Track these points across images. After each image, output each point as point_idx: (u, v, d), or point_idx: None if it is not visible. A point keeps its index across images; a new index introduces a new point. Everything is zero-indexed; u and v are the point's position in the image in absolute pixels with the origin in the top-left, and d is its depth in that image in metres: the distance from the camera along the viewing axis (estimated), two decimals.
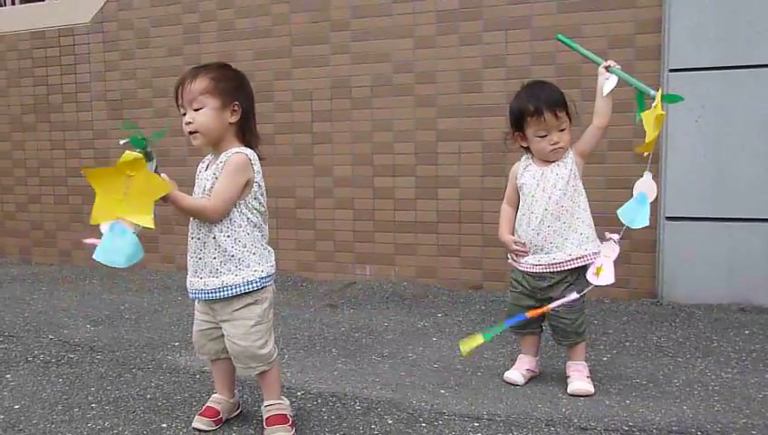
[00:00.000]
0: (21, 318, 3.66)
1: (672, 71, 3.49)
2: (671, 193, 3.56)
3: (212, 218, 2.04)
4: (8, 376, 2.76)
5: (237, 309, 2.09)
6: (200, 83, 2.06)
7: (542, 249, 2.49)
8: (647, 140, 2.21)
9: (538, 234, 2.49)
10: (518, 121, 2.51)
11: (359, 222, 4.32)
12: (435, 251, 4.15)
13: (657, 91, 2.27)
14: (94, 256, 1.87)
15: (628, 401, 2.37)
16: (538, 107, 2.45)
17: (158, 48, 4.77)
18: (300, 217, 4.46)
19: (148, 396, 2.52)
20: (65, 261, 5.22)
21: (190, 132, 2.08)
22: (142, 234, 1.89)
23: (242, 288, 2.07)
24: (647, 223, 2.27)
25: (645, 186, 2.28)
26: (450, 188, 4.08)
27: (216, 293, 2.08)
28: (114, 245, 1.87)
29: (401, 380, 2.64)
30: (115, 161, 1.83)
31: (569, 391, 2.45)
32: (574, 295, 2.30)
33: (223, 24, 4.56)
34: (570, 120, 2.50)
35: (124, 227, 1.86)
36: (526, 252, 2.53)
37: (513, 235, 2.58)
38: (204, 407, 2.25)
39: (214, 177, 2.06)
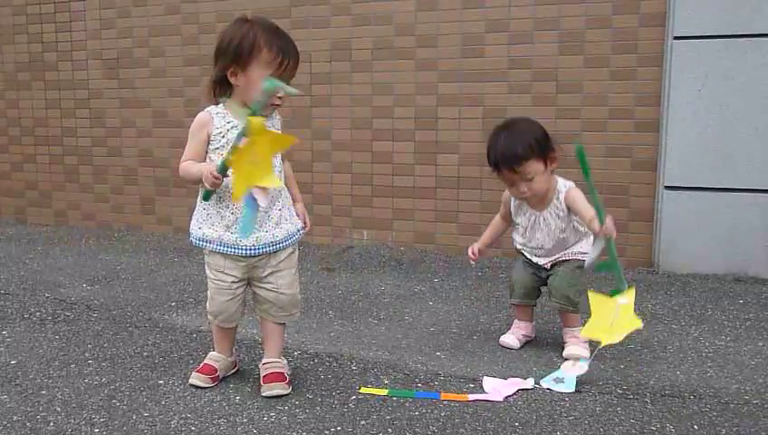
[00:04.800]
0: (17, 277, 3.65)
1: (677, 38, 3.45)
2: (671, 162, 3.55)
3: None
4: (4, 332, 2.76)
5: (283, 259, 2.16)
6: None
7: (527, 253, 2.59)
8: (606, 339, 2.13)
9: (531, 251, 2.58)
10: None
11: (357, 186, 4.30)
12: (432, 217, 4.15)
13: (627, 292, 2.15)
14: (242, 235, 2.01)
15: (622, 366, 2.39)
16: (495, 163, 2.42)
17: (156, 6, 4.68)
18: (297, 181, 4.42)
19: (145, 354, 2.53)
20: (61, 222, 5.20)
21: (279, 104, 2.13)
22: (142, 194, 1.90)
23: (297, 235, 2.19)
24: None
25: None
26: (449, 154, 4.06)
27: (283, 242, 2.14)
28: (252, 217, 1.92)
29: (397, 342, 2.66)
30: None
31: (564, 355, 2.46)
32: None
33: None
34: (548, 160, 2.38)
35: (255, 201, 1.89)
36: (474, 260, 2.67)
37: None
38: (201, 364, 2.26)
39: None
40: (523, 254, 2.62)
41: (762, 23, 3.34)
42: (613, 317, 2.15)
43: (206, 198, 2.08)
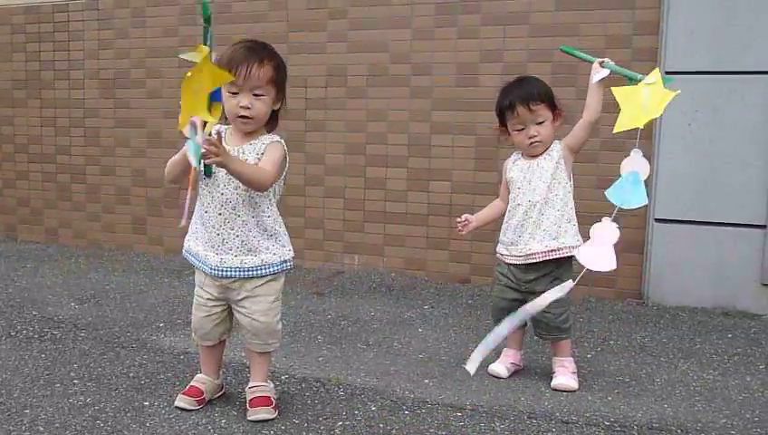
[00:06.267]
0: (5, 294, 3.63)
1: (668, 73, 3.50)
2: (661, 195, 3.58)
3: (267, 186, 2.06)
4: None
5: (259, 285, 2.12)
6: (268, 71, 2.06)
7: (522, 240, 2.51)
8: (641, 122, 2.01)
9: (522, 225, 2.52)
10: (500, 116, 2.57)
11: (349, 211, 4.31)
12: (424, 243, 4.16)
13: (651, 73, 2.10)
14: (193, 164, 1.84)
15: (610, 398, 2.39)
16: (511, 101, 2.50)
17: (153, 28, 4.73)
18: (290, 205, 4.44)
19: (131, 374, 2.51)
20: (51, 239, 5.18)
21: (243, 116, 2.07)
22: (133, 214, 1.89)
23: (278, 267, 2.13)
24: (644, 201, 2.06)
25: (635, 164, 1.99)
26: (442, 181, 4.08)
27: (253, 271, 2.10)
28: (192, 145, 1.84)
29: (386, 368, 2.65)
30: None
31: (552, 385, 2.46)
32: (568, 285, 2.20)
33: (219, 6, 4.52)
34: (554, 114, 2.51)
35: (194, 128, 1.83)
36: (461, 230, 2.64)
37: (499, 228, 2.64)
38: (187, 386, 2.24)
39: (257, 157, 2.07)
40: (502, 274, 2.60)
41: (751, 60, 3.40)
42: (643, 100, 2.05)
43: (208, 172, 2.06)
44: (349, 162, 4.28)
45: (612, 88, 2.16)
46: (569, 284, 2.11)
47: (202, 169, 1.99)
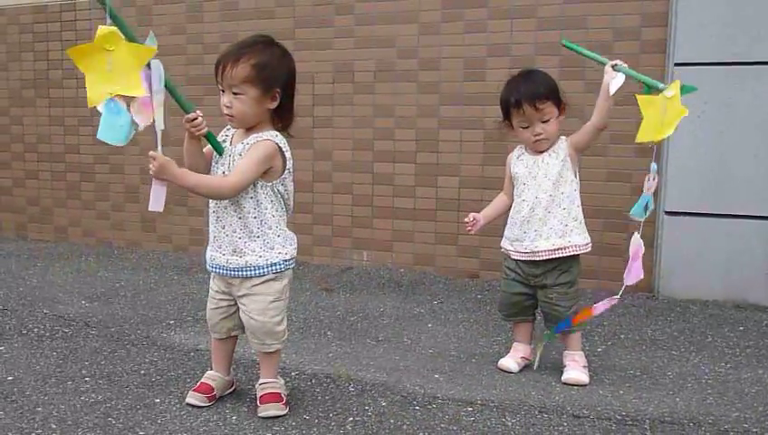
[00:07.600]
0: (15, 292, 3.65)
1: (677, 65, 3.48)
2: (671, 188, 3.56)
3: (228, 196, 2.06)
4: (1, 348, 2.75)
5: (257, 284, 2.11)
6: (242, 70, 2.02)
7: (528, 237, 2.50)
8: (657, 136, 2.12)
9: (528, 222, 2.50)
10: (504, 112, 2.54)
11: (357, 207, 4.31)
12: (432, 239, 4.15)
13: (671, 84, 2.14)
14: (98, 136, 1.84)
15: (621, 392, 2.38)
16: (517, 99, 2.46)
17: (160, 26, 4.72)
18: (298, 201, 4.37)
19: (142, 372, 2.51)
20: (61, 238, 5.20)
21: (227, 115, 2.09)
22: (142, 212, 1.89)
23: (265, 270, 2.10)
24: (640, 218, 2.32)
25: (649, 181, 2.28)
26: (450, 177, 4.07)
27: (238, 272, 2.10)
28: (113, 123, 1.83)
29: (395, 364, 2.65)
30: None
31: (563, 379, 2.46)
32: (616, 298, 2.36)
33: (226, 3, 4.52)
34: (560, 110, 2.49)
35: (119, 105, 1.83)
36: (470, 229, 2.63)
37: (501, 221, 2.67)
38: (198, 383, 2.25)
39: (240, 157, 2.06)
40: (509, 269, 2.60)
41: (762, 51, 3.37)
42: (662, 113, 2.08)
43: (219, 151, 2.10)
44: (356, 158, 4.28)
45: (636, 95, 2.18)
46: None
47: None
